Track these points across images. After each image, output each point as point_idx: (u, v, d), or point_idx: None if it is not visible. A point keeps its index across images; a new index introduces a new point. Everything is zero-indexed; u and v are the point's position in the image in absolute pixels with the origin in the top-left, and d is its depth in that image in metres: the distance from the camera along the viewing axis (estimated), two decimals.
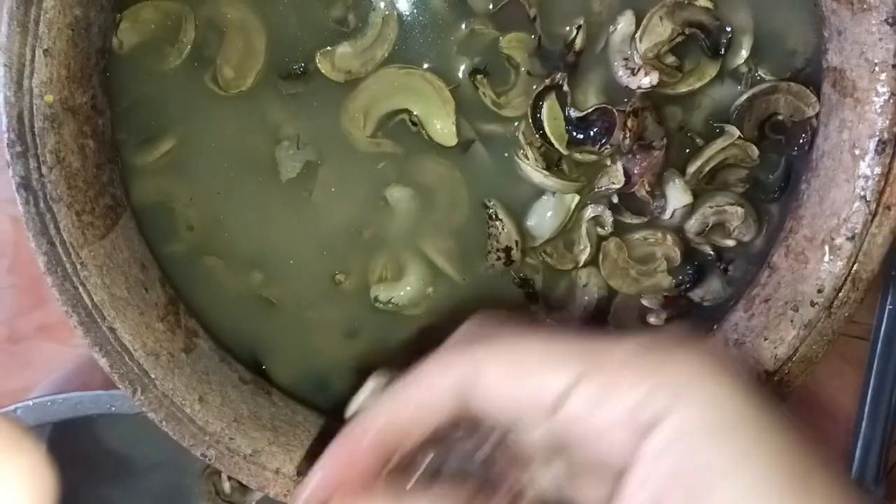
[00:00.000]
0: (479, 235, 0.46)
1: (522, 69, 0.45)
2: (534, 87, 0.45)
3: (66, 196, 0.41)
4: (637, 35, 0.44)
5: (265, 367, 0.47)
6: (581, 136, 0.45)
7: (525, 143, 0.45)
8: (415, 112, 0.45)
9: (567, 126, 0.45)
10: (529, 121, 0.45)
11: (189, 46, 0.44)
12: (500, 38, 0.44)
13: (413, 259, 0.47)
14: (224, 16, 0.44)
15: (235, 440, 0.43)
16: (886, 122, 0.41)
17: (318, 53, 0.44)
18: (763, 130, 0.46)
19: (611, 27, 0.44)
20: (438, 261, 0.46)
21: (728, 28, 0.45)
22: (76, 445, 0.56)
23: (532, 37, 0.44)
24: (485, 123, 0.45)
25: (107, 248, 0.43)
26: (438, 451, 0.32)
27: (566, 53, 0.44)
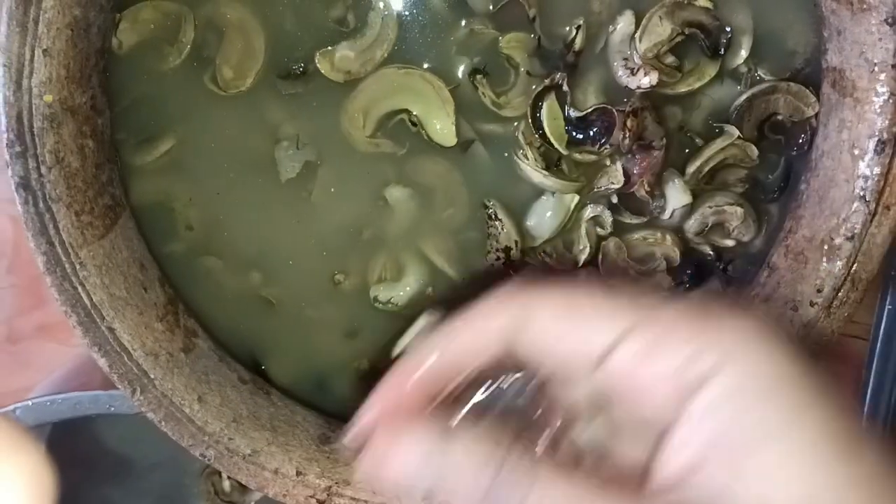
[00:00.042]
0: (479, 235, 0.46)
1: (522, 69, 0.45)
2: (533, 87, 0.45)
3: (66, 196, 0.41)
4: (637, 35, 0.44)
5: (264, 367, 0.47)
6: (580, 136, 0.45)
7: (524, 143, 0.45)
8: (414, 112, 0.45)
9: (566, 126, 0.45)
10: (529, 121, 0.45)
11: (188, 46, 0.44)
12: (500, 38, 0.44)
13: (412, 259, 0.47)
14: (223, 16, 0.44)
15: (234, 440, 0.43)
16: (886, 122, 0.41)
17: (318, 53, 0.44)
18: (762, 130, 0.46)
19: (610, 27, 0.44)
20: (438, 261, 0.46)
21: (728, 28, 0.45)
22: (75, 445, 0.56)
23: (532, 37, 0.44)
24: (484, 123, 0.45)
25: (106, 248, 0.43)
26: (483, 392, 0.32)
27: (566, 53, 0.44)
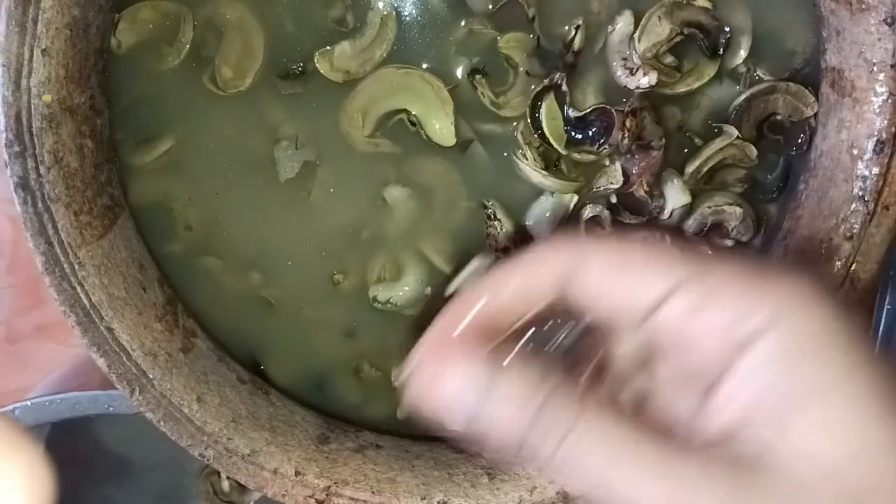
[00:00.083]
0: (478, 235, 0.46)
1: (521, 69, 0.45)
2: (532, 87, 0.45)
3: (64, 196, 0.41)
4: (636, 35, 0.44)
5: (263, 367, 0.47)
6: (579, 136, 0.45)
7: (524, 143, 0.45)
8: (413, 112, 0.45)
9: (566, 126, 0.45)
10: (528, 121, 0.45)
11: (187, 46, 0.44)
12: (499, 38, 0.44)
13: (411, 259, 0.47)
14: (222, 16, 0.44)
15: (233, 440, 0.43)
16: (885, 122, 0.41)
17: (317, 53, 0.44)
18: (761, 130, 0.46)
19: (609, 27, 0.44)
20: (437, 261, 0.46)
21: (727, 28, 0.45)
22: (74, 445, 0.56)
23: (531, 37, 0.44)
24: (483, 123, 0.45)
25: (105, 248, 0.43)
26: (533, 335, 0.32)
27: (565, 53, 0.44)
